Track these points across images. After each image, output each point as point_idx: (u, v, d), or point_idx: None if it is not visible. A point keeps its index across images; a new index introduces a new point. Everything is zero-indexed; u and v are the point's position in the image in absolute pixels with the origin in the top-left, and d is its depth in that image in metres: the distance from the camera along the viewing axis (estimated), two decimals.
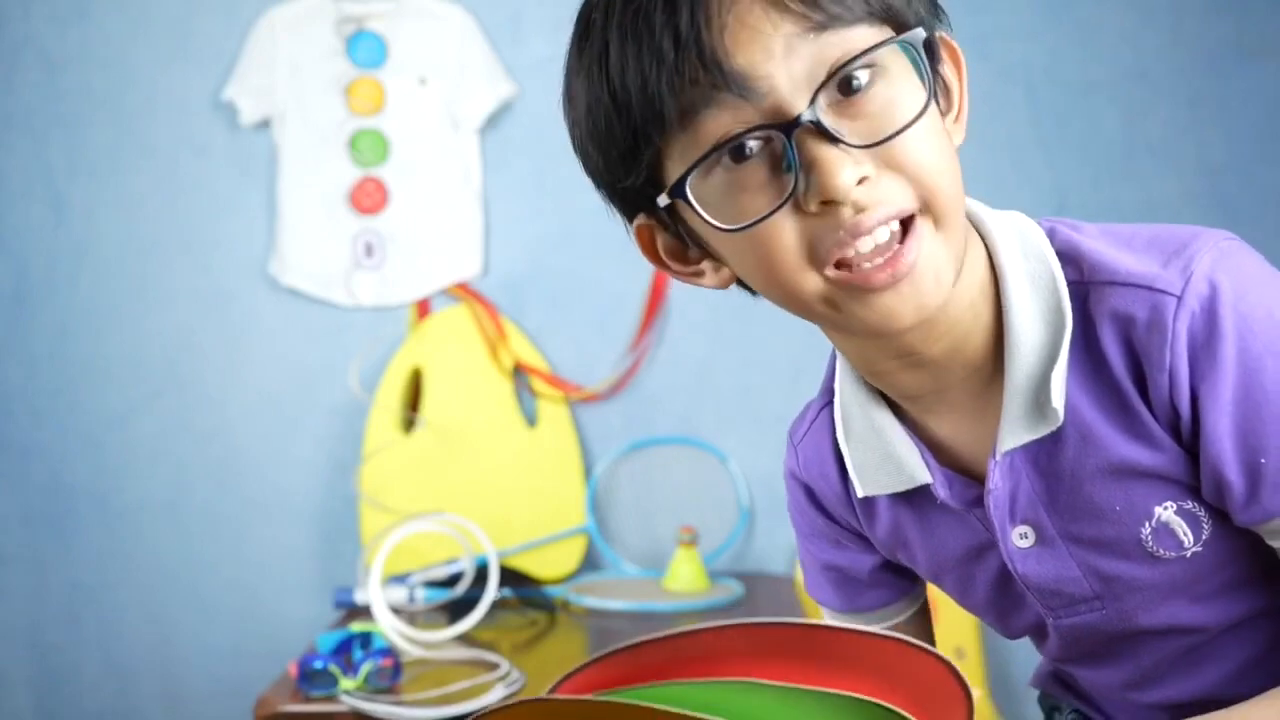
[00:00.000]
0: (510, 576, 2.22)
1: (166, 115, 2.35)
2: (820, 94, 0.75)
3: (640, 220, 0.86)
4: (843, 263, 0.77)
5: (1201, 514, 0.84)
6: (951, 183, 0.79)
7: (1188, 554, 0.85)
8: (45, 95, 2.34)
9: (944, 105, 0.82)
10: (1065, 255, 0.85)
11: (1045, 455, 0.86)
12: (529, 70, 2.33)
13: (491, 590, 2.04)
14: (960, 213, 0.80)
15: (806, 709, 0.70)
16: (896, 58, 0.78)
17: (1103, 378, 0.83)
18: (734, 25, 0.75)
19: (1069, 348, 0.83)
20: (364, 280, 2.34)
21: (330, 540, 2.36)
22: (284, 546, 2.37)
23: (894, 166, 0.76)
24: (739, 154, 0.77)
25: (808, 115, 0.75)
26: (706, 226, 0.80)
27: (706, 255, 0.85)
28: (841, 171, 0.74)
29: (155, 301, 2.36)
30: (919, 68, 0.78)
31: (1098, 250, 0.84)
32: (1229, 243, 0.82)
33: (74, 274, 2.36)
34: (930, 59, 0.79)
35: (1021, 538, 0.89)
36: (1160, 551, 0.86)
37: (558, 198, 2.34)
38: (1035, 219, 0.89)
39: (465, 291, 2.34)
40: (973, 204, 0.87)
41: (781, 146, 0.76)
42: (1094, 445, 0.84)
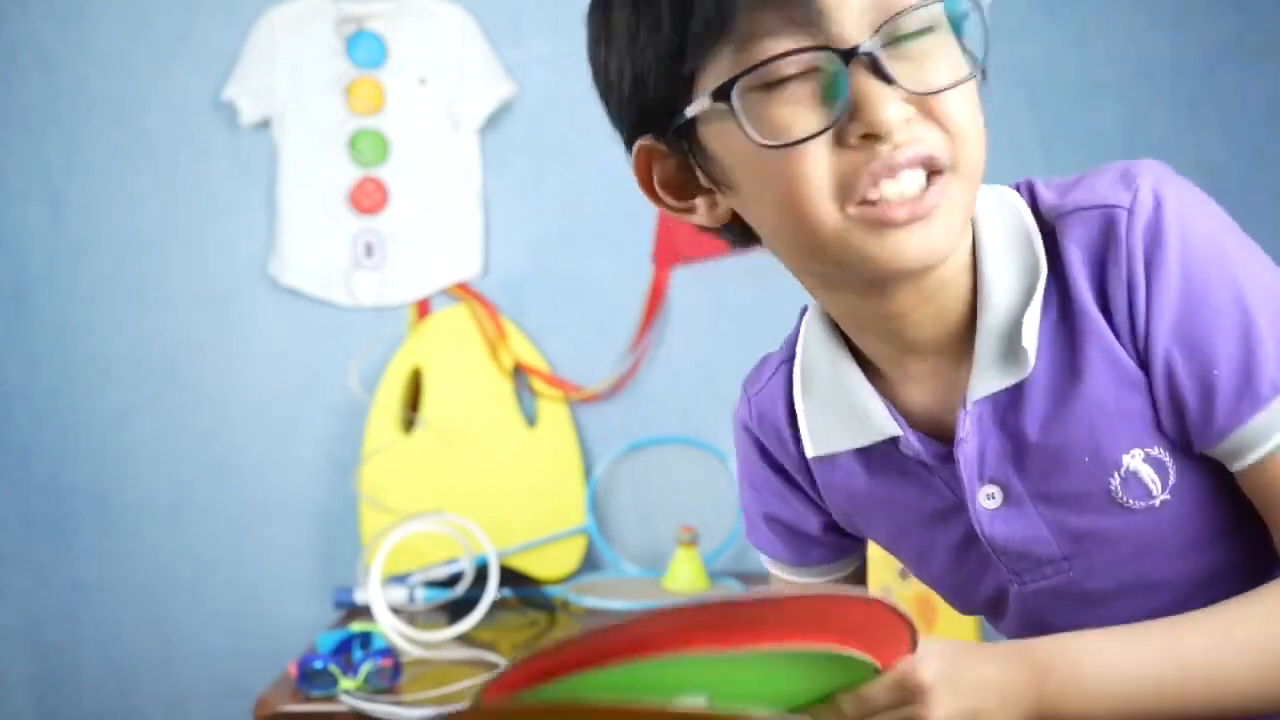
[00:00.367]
0: (510, 576, 2.22)
1: (166, 115, 2.34)
2: (880, 32, 0.77)
3: (644, 142, 0.86)
4: (866, 203, 0.79)
5: (1167, 459, 0.86)
6: (980, 148, 0.82)
7: (1156, 502, 0.87)
8: (43, 94, 2.34)
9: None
10: (1035, 206, 0.89)
11: (1013, 413, 0.88)
12: (529, 70, 2.33)
13: (491, 590, 2.05)
14: (980, 179, 0.83)
15: (748, 672, 0.69)
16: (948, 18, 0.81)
17: (1072, 315, 0.86)
18: None
19: (1043, 292, 0.86)
20: (364, 280, 2.34)
21: (330, 540, 2.36)
22: (284, 547, 2.36)
23: (935, 118, 0.79)
24: (789, 73, 0.78)
25: (866, 46, 0.77)
26: (731, 145, 0.81)
27: (702, 191, 0.86)
28: (889, 106, 0.77)
29: (155, 301, 2.36)
30: (983, 26, 0.81)
31: (1057, 193, 0.89)
32: (1165, 167, 0.87)
33: (73, 274, 2.36)
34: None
35: (989, 498, 0.90)
36: (1130, 502, 0.87)
37: (558, 198, 2.34)
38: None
39: (465, 291, 2.34)
40: None
41: (833, 74, 0.77)
42: (1062, 390, 0.86)
